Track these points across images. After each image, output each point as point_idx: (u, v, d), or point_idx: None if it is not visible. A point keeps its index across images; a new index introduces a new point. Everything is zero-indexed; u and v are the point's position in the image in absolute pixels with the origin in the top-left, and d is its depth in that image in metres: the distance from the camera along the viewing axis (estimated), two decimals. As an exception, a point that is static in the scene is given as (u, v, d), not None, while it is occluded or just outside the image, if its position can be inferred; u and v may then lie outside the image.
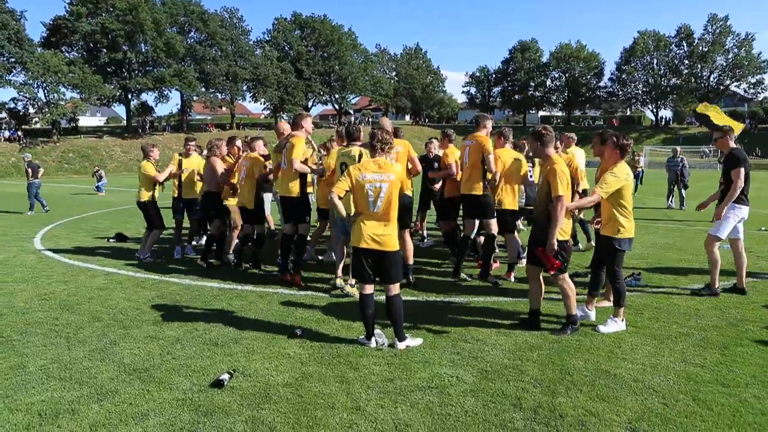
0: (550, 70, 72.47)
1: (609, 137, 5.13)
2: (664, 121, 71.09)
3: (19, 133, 46.33)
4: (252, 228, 7.74)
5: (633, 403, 3.66)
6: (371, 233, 4.51)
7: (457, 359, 4.40)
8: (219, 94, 59.76)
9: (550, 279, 5.07)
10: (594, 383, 3.95)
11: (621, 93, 71.28)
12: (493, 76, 76.05)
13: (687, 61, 66.15)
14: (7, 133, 45.78)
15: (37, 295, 6.37)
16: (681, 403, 3.65)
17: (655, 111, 70.53)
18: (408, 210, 6.81)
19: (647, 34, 67.32)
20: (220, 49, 56.47)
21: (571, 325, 5.00)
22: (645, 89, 68.99)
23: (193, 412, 3.54)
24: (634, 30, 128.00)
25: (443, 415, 3.49)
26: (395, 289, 4.60)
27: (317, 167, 6.95)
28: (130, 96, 54.20)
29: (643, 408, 3.59)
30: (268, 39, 65.00)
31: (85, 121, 65.47)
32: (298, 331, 4.95)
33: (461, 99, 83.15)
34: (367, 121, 65.29)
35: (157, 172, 8.39)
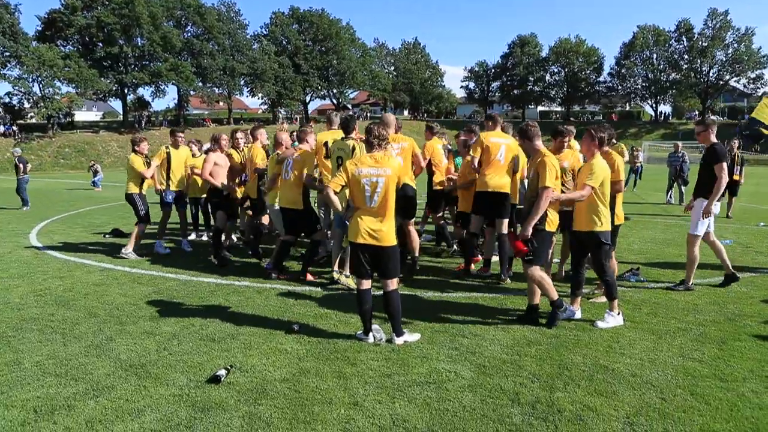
0: (549, 64, 72.23)
1: (586, 131, 5.18)
2: (663, 116, 71.06)
3: (14, 128, 46.11)
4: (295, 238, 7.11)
5: (631, 397, 3.67)
6: (368, 228, 4.51)
7: (455, 354, 4.41)
8: (216, 89, 59.44)
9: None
10: (592, 378, 3.97)
11: (620, 88, 71.12)
12: (492, 71, 75.78)
13: (687, 56, 66.01)
14: (1, 128, 45.51)
15: (33, 290, 6.36)
16: (679, 398, 3.66)
17: (654, 106, 70.49)
18: (412, 201, 6.81)
19: (647, 28, 67.18)
20: (217, 43, 56.19)
21: (558, 309, 5.05)
22: (644, 84, 68.84)
23: (190, 407, 3.54)
24: (633, 24, 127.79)
25: (441, 410, 3.50)
26: (393, 284, 4.60)
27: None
28: (126, 90, 53.98)
29: (641, 403, 3.60)
30: (265, 33, 64.70)
31: (81, 116, 65.22)
32: (296, 327, 4.95)
33: (460, 94, 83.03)
34: (365, 116, 65.03)
35: (145, 167, 8.26)
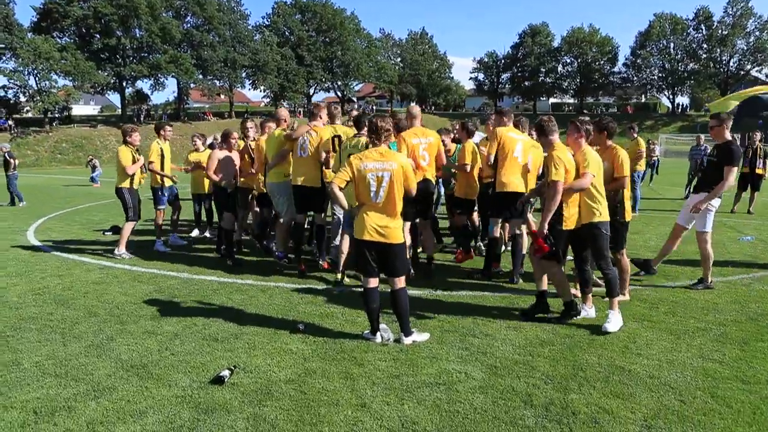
0: (562, 55, 71.82)
1: (580, 123, 5.20)
2: (680, 108, 70.56)
3: (9, 122, 46.38)
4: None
5: (648, 400, 3.66)
6: (375, 225, 4.50)
7: (465, 355, 4.41)
8: (217, 82, 59.59)
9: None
10: (608, 379, 3.95)
11: (636, 79, 70.66)
12: (502, 62, 75.45)
13: (705, 45, 65.44)
14: (-3, 123, 45.90)
15: (31, 289, 6.41)
16: (699, 400, 3.64)
17: (671, 97, 69.98)
18: (430, 200, 6.79)
19: (663, 17, 66.61)
20: (218, 34, 56.25)
21: (571, 311, 5.17)
22: (661, 75, 68.32)
23: (193, 409, 3.56)
24: (649, 13, 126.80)
25: (451, 412, 3.50)
26: (401, 282, 4.61)
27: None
28: (124, 83, 54.17)
29: (659, 405, 3.58)
30: (267, 24, 64.73)
31: (79, 109, 65.58)
32: (301, 326, 4.96)
33: (469, 86, 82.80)
34: (371, 109, 64.89)
35: (130, 161, 8.00)
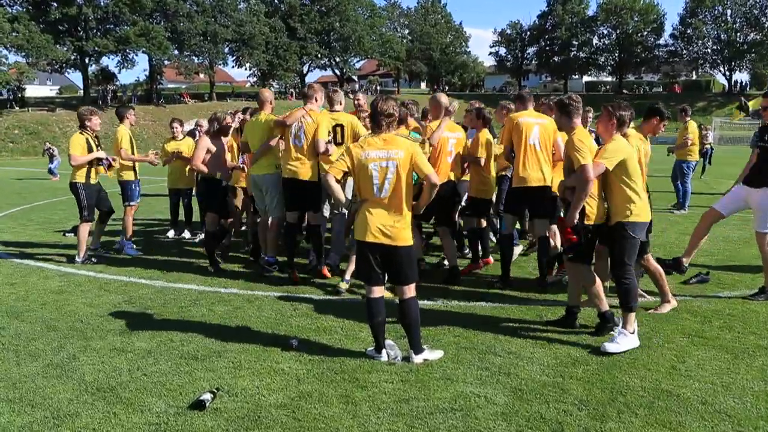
0: (598, 25, 71.72)
1: (603, 109, 5.16)
2: (739, 86, 70.19)
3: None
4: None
5: (700, 429, 3.65)
6: (379, 224, 4.48)
7: (485, 376, 4.41)
8: (195, 58, 59.75)
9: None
10: (652, 406, 3.95)
11: (685, 53, 70.46)
12: (528, 34, 75.48)
13: (770, 11, 65.17)
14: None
15: (-19, 299, 6.45)
16: (760, 431, 3.63)
17: (728, 74, 69.65)
18: (450, 201, 6.83)
19: (719, -22, 66.42)
20: (196, 2, 56.38)
21: (607, 323, 5.16)
22: (715, 47, 68.10)
23: (169, 438, 3.58)
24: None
25: (469, 444, 3.51)
26: (410, 291, 4.60)
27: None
28: (87, 60, 54.24)
29: (712, 435, 3.58)
30: (253, -10, 64.98)
31: (33, 90, 65.77)
32: (294, 342, 4.98)
33: (488, 62, 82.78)
34: (374, 90, 64.99)
35: (79, 151, 7.78)
